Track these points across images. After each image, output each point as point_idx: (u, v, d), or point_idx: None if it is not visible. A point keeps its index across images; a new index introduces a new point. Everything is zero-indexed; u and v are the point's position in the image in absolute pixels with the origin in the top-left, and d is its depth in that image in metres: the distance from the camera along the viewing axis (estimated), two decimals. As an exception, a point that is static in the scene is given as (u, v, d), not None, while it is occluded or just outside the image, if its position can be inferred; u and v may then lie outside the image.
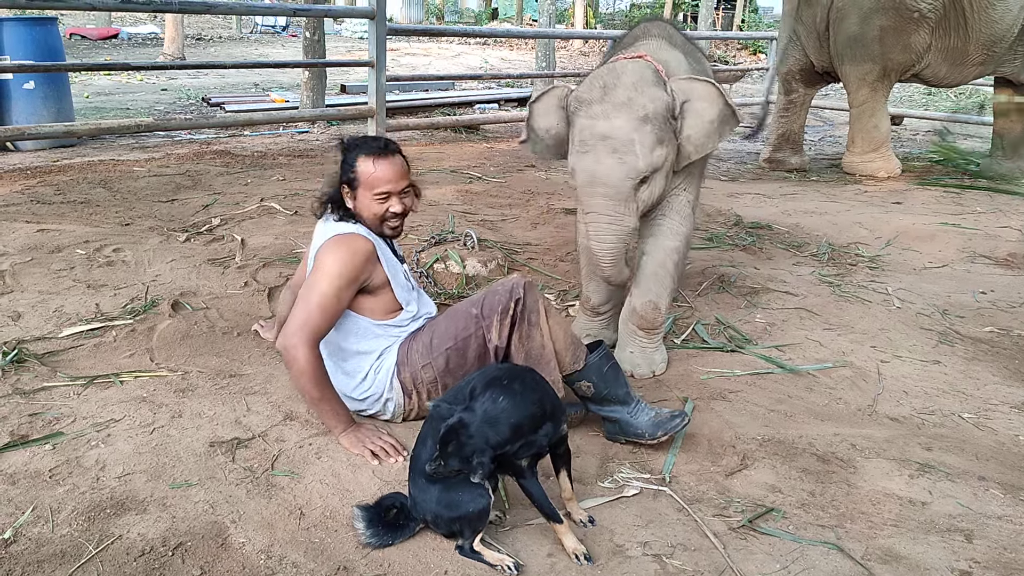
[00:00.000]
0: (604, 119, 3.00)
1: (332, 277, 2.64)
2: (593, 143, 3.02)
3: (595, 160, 3.03)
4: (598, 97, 3.03)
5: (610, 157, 3.00)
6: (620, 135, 2.98)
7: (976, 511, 2.46)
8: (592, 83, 3.10)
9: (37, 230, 4.58)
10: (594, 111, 3.03)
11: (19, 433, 2.64)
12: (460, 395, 2.21)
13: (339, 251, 2.68)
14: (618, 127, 2.98)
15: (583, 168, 3.07)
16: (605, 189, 3.03)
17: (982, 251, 5.19)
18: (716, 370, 3.43)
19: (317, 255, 2.72)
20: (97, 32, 21.70)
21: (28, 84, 7.48)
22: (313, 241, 2.86)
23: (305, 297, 2.64)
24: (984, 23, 6.85)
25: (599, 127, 3.01)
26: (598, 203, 3.06)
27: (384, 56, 7.94)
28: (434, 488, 2.17)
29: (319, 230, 2.85)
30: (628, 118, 2.98)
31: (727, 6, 31.44)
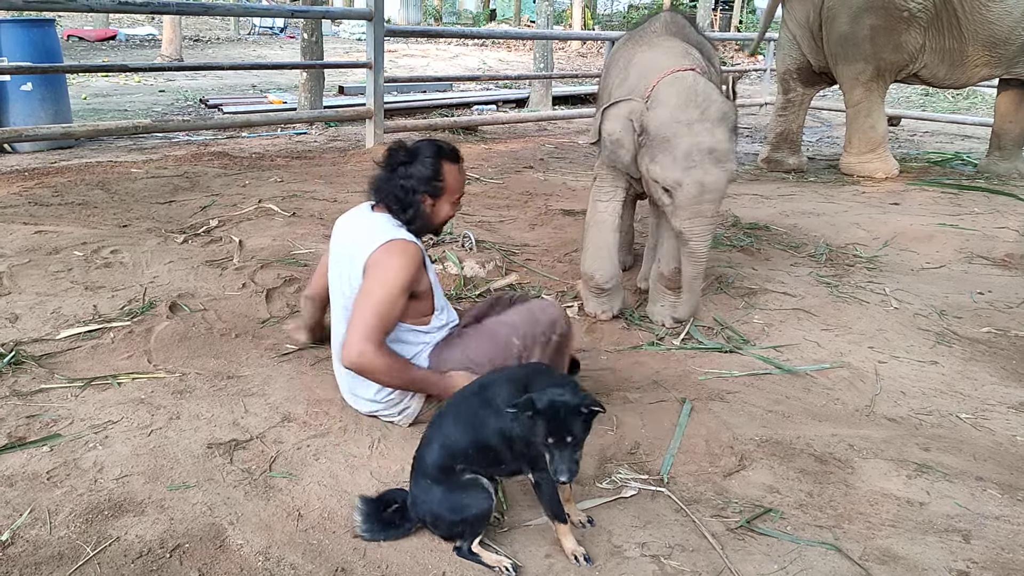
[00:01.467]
0: (709, 135, 3.33)
1: (389, 286, 2.59)
2: (700, 158, 3.34)
3: (704, 172, 3.35)
4: (697, 117, 3.34)
5: (717, 168, 3.36)
6: (723, 147, 3.36)
7: (974, 511, 2.46)
8: (685, 103, 3.37)
9: (35, 232, 4.58)
10: (697, 129, 3.34)
11: (17, 435, 2.63)
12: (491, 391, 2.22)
13: (395, 259, 2.62)
14: (720, 141, 3.35)
15: (692, 181, 3.36)
16: (715, 195, 3.41)
17: (980, 252, 5.19)
18: (714, 371, 3.43)
19: (373, 261, 2.63)
20: (95, 34, 21.68)
21: (26, 86, 7.48)
22: (352, 234, 2.77)
23: (362, 307, 2.60)
24: (979, 24, 6.82)
25: (705, 142, 3.33)
26: (707, 208, 3.42)
27: (382, 57, 7.94)
28: (438, 489, 2.18)
29: (364, 226, 2.76)
30: (726, 131, 3.38)
31: (724, 7, 31.46)
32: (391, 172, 2.75)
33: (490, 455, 2.17)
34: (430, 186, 2.72)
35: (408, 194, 2.71)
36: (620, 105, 3.58)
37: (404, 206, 2.73)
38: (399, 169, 2.73)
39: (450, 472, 2.20)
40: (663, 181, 3.42)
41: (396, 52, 21.04)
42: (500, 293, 3.33)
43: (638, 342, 3.76)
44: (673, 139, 3.36)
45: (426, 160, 2.72)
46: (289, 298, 3.92)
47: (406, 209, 2.73)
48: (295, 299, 3.92)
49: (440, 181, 2.73)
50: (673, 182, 3.39)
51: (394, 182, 2.73)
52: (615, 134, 3.61)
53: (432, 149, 2.75)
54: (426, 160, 2.72)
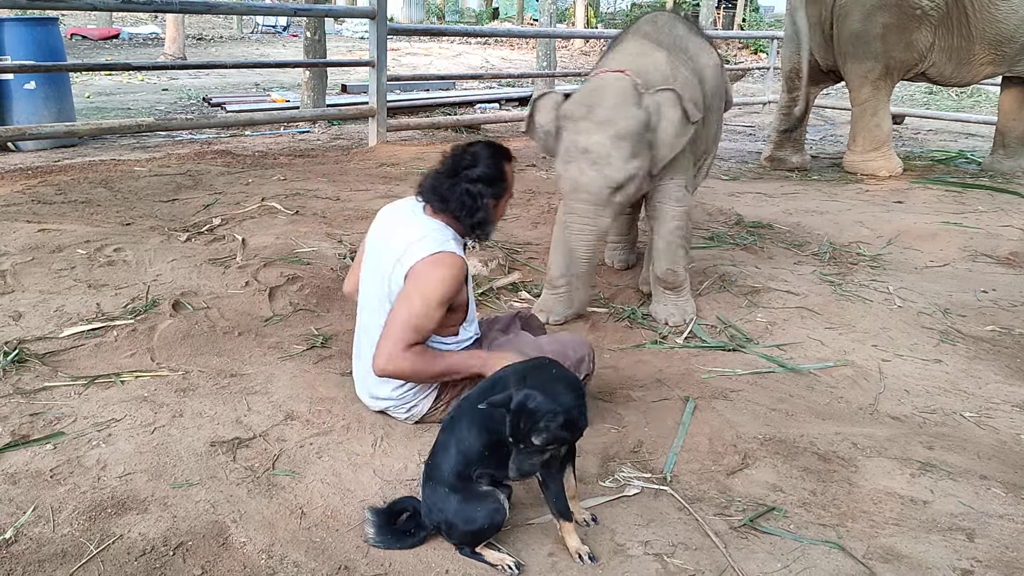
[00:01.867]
0: (586, 135, 3.41)
1: (428, 298, 2.58)
2: (576, 155, 3.44)
3: (578, 171, 3.45)
4: (583, 115, 3.44)
5: (592, 169, 3.43)
6: (600, 151, 3.40)
7: (978, 510, 2.46)
8: (579, 100, 3.50)
9: (38, 230, 4.58)
10: (579, 127, 3.45)
11: (20, 433, 2.64)
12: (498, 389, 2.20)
13: (440, 271, 2.59)
14: (597, 143, 3.40)
15: (568, 177, 3.50)
16: (586, 195, 3.47)
17: (984, 250, 5.19)
18: (717, 369, 3.43)
19: (417, 271, 2.61)
20: (98, 32, 21.70)
21: (29, 84, 7.48)
22: (399, 235, 2.71)
23: (397, 316, 2.59)
24: (987, 23, 6.84)
25: (581, 141, 3.42)
26: (580, 207, 3.50)
27: (385, 56, 7.95)
28: (454, 499, 2.16)
29: (415, 231, 2.68)
30: (606, 135, 3.39)
31: (728, 5, 31.41)
32: (453, 176, 2.68)
33: (502, 454, 2.17)
34: (496, 187, 2.71)
35: (476, 199, 2.67)
36: (547, 97, 3.72)
37: (472, 211, 2.67)
38: (463, 173, 2.68)
39: (467, 480, 2.18)
40: (555, 168, 3.61)
41: (399, 50, 21.04)
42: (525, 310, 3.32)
43: (641, 340, 3.75)
44: (561, 133, 3.54)
45: (489, 162, 2.70)
46: (292, 296, 3.92)
47: (474, 213, 2.68)
48: (298, 297, 3.92)
49: (504, 182, 2.74)
50: (557, 174, 3.59)
51: (459, 187, 2.66)
52: (546, 125, 3.69)
53: (491, 150, 2.74)
54: (489, 162, 2.70)
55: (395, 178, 6.69)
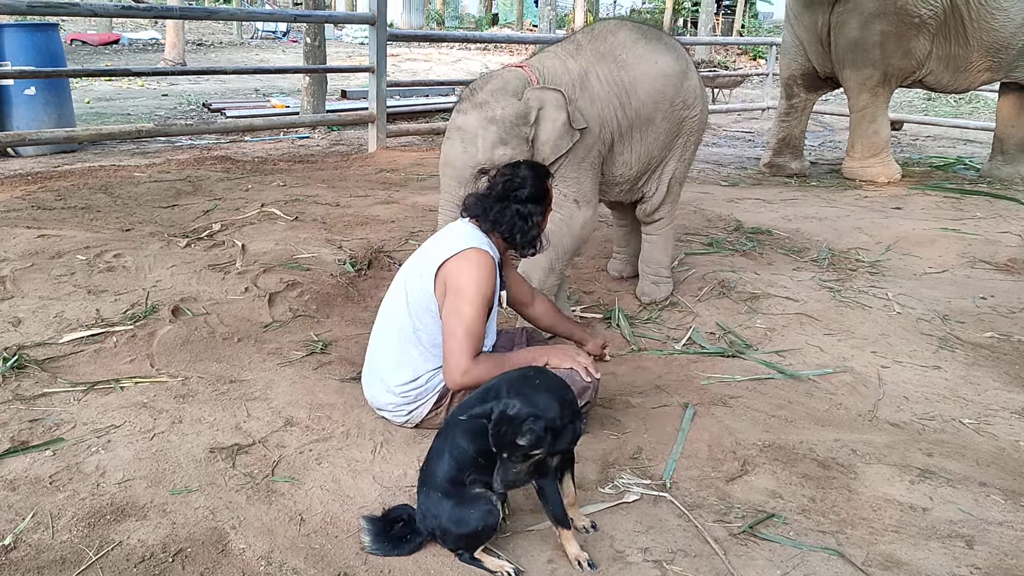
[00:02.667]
0: (462, 114, 3.50)
1: (475, 303, 2.62)
2: (452, 131, 3.53)
3: (450, 145, 3.53)
4: (466, 96, 3.56)
5: (459, 144, 3.49)
6: (469, 128, 3.46)
7: (977, 517, 2.46)
8: (470, 85, 3.62)
9: (38, 236, 4.58)
10: (460, 107, 3.55)
11: (19, 439, 2.63)
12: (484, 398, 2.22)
13: (475, 273, 2.64)
14: (468, 122, 3.47)
15: (443, 151, 3.61)
16: (451, 170, 3.52)
17: (982, 256, 5.19)
18: (716, 375, 3.43)
19: (451, 272, 2.65)
20: (98, 38, 21.73)
21: (29, 90, 7.49)
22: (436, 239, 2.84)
23: (454, 328, 2.62)
24: (984, 30, 6.87)
25: (458, 120, 3.51)
26: (445, 181, 3.58)
27: (384, 62, 7.96)
28: (447, 503, 2.17)
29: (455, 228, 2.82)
30: (476, 116, 3.45)
31: (727, 11, 31.51)
32: (503, 200, 2.75)
33: (495, 461, 2.17)
34: (543, 204, 2.80)
35: (527, 219, 2.75)
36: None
37: (525, 231, 2.76)
38: (513, 195, 2.74)
39: (460, 485, 2.19)
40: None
41: (399, 56, 21.09)
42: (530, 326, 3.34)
43: (641, 347, 3.76)
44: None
45: (535, 183, 2.77)
46: (291, 302, 3.92)
47: (527, 232, 2.76)
48: (297, 303, 3.92)
49: (547, 198, 2.83)
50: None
51: (510, 209, 2.74)
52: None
53: (536, 171, 2.82)
54: (535, 183, 2.77)
55: (395, 184, 6.70)
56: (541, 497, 2.20)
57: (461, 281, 2.63)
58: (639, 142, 3.82)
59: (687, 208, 6.03)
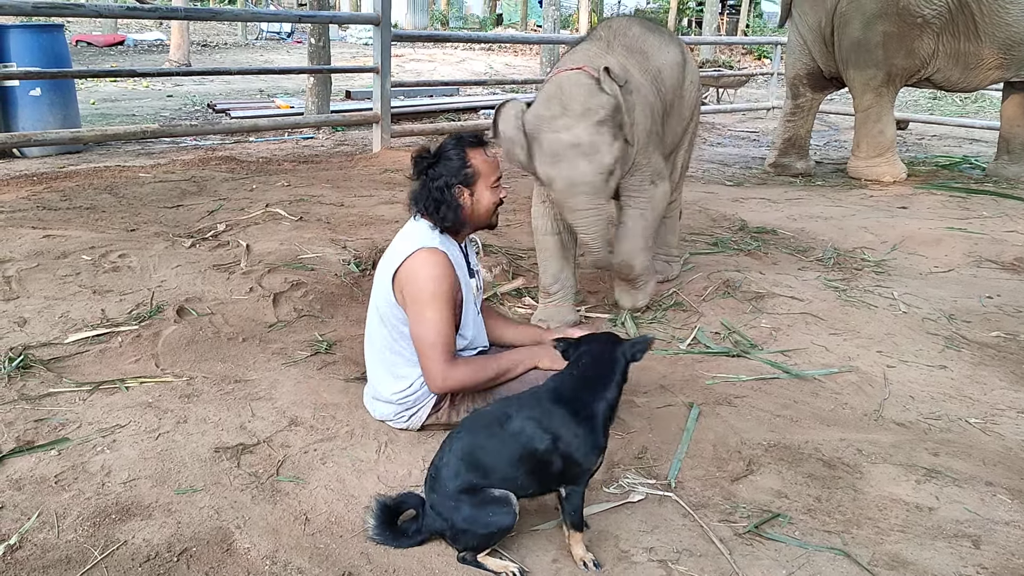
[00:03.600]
0: (567, 131, 3.42)
1: (435, 304, 2.60)
2: (564, 151, 3.43)
3: (571, 166, 3.45)
4: (558, 112, 3.45)
5: (583, 160, 3.44)
6: (585, 139, 3.42)
7: (983, 516, 2.45)
8: (547, 101, 3.50)
9: (43, 236, 4.59)
10: (558, 125, 3.44)
11: (25, 439, 2.64)
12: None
13: (426, 271, 2.61)
14: (581, 135, 3.42)
15: (562, 176, 3.47)
16: (585, 187, 3.47)
17: (988, 255, 5.17)
18: (721, 375, 3.42)
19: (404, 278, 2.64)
20: (103, 39, 21.78)
21: (35, 91, 7.51)
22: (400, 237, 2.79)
23: (422, 335, 2.61)
24: (997, 26, 6.78)
25: (566, 138, 3.43)
26: (581, 201, 3.50)
27: (389, 62, 7.96)
28: (465, 506, 2.14)
29: (405, 229, 2.79)
30: (587, 124, 3.42)
31: (731, 11, 31.48)
32: (421, 178, 2.71)
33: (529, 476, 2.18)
34: (461, 176, 2.68)
35: (442, 192, 2.67)
36: (508, 106, 3.66)
37: (439, 205, 2.68)
38: (428, 172, 2.70)
39: (477, 491, 2.16)
40: (542, 177, 3.55)
41: (403, 57, 21.11)
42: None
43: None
44: (539, 136, 3.48)
45: (449, 153, 2.70)
46: (296, 302, 3.93)
47: (439, 207, 2.68)
48: (302, 303, 3.92)
49: (468, 168, 2.69)
50: (546, 178, 3.53)
51: (427, 187, 2.69)
52: (508, 133, 3.65)
53: (452, 141, 2.73)
54: (449, 153, 2.70)
55: (399, 184, 6.70)
56: (566, 502, 2.20)
57: (416, 287, 2.61)
58: (669, 127, 4.07)
59: (692, 208, 6.03)
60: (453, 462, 2.19)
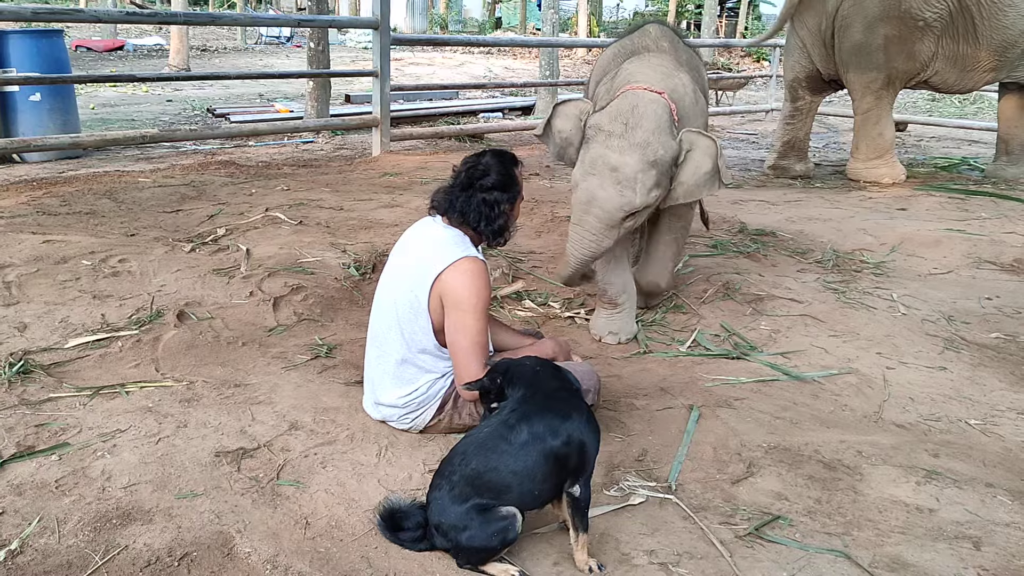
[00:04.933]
0: (618, 153, 3.30)
1: (478, 313, 2.63)
2: (601, 169, 3.33)
3: (599, 184, 3.34)
4: (619, 131, 3.32)
5: (612, 187, 3.32)
6: (627, 172, 3.29)
7: (984, 518, 2.45)
8: (614, 115, 3.36)
9: (43, 241, 4.59)
10: (612, 143, 3.32)
11: (25, 444, 2.64)
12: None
13: (473, 282, 2.63)
14: (628, 164, 3.29)
15: (586, 188, 3.37)
16: (599, 212, 3.36)
17: (987, 257, 5.18)
18: (721, 377, 3.42)
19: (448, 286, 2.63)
20: (103, 44, 21.78)
21: (34, 96, 7.52)
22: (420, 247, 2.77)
23: (460, 344, 2.63)
24: (995, 29, 6.82)
25: (612, 159, 3.31)
26: (590, 221, 3.39)
27: (388, 66, 7.97)
28: (474, 525, 2.12)
29: (433, 232, 2.77)
30: (639, 158, 3.29)
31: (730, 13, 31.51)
32: (468, 189, 2.72)
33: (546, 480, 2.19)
34: (510, 192, 2.75)
35: (493, 207, 2.71)
36: (572, 105, 3.60)
37: (491, 219, 2.72)
38: (478, 184, 2.71)
39: (487, 510, 2.15)
40: (573, 178, 3.49)
41: (402, 60, 21.12)
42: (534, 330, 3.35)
43: (646, 349, 3.75)
44: (590, 142, 3.42)
45: (500, 169, 2.73)
46: (296, 306, 3.93)
47: (493, 221, 2.72)
48: (302, 307, 3.93)
49: (516, 185, 2.77)
50: (574, 182, 3.46)
51: (475, 198, 2.71)
52: (565, 132, 3.61)
53: (500, 158, 2.77)
54: (500, 169, 2.73)
55: (399, 187, 6.70)
56: (575, 503, 2.20)
57: (462, 295, 2.62)
58: None
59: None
60: (460, 488, 2.16)
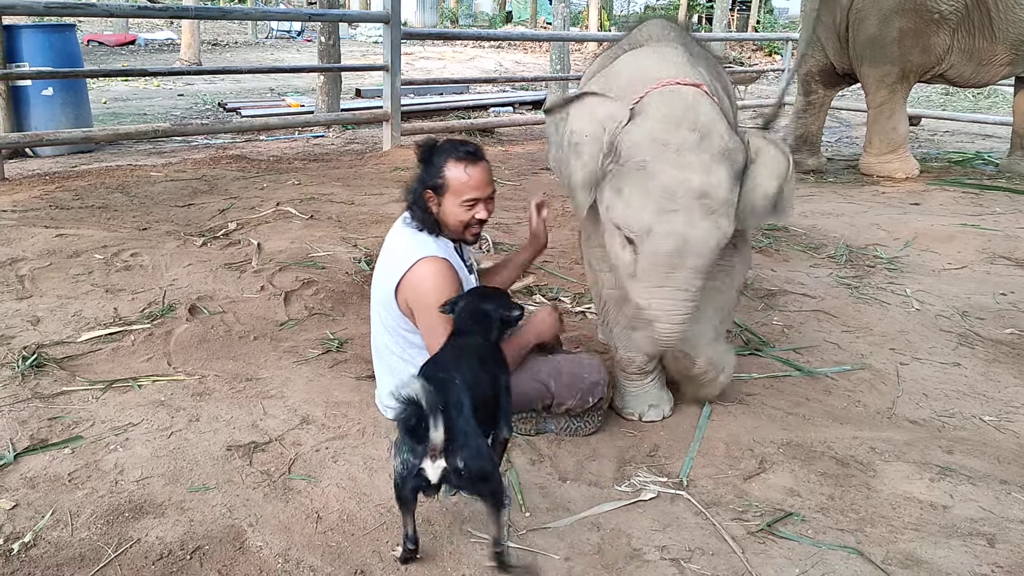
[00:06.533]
0: (703, 173, 2.34)
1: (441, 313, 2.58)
2: (687, 201, 2.33)
3: (689, 222, 2.35)
4: (691, 142, 2.35)
5: (706, 220, 2.35)
6: (720, 194, 2.35)
7: (998, 515, 2.43)
8: (674, 120, 2.39)
9: (56, 235, 4.61)
10: (688, 160, 2.34)
11: (39, 437, 2.65)
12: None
13: (431, 283, 2.59)
14: (718, 185, 2.35)
15: (671, 232, 2.35)
16: (696, 260, 2.39)
17: (1002, 252, 5.14)
18: (734, 373, 3.40)
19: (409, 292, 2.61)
20: (114, 38, 21.85)
21: (47, 90, 7.54)
22: (393, 243, 2.75)
23: (432, 346, 2.58)
24: (1012, 23, 6.76)
25: (696, 181, 2.33)
26: (683, 277, 2.41)
27: (399, 60, 7.96)
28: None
29: (402, 235, 2.73)
30: (728, 174, 2.37)
31: (742, 7, 31.36)
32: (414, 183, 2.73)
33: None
34: (432, 181, 2.64)
35: (416, 189, 2.69)
36: (597, 101, 2.57)
37: (411, 201, 2.70)
38: (420, 165, 2.71)
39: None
40: (626, 225, 2.44)
41: (413, 55, 21.11)
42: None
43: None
44: (652, 166, 2.36)
45: (435, 156, 2.67)
46: (307, 300, 3.93)
47: (412, 205, 2.70)
48: (313, 301, 3.93)
49: (440, 178, 2.63)
50: (641, 228, 2.40)
51: (414, 183, 2.71)
52: (577, 135, 2.57)
53: (446, 146, 2.70)
54: (435, 156, 2.67)
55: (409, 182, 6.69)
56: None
57: (423, 298, 2.59)
58: None
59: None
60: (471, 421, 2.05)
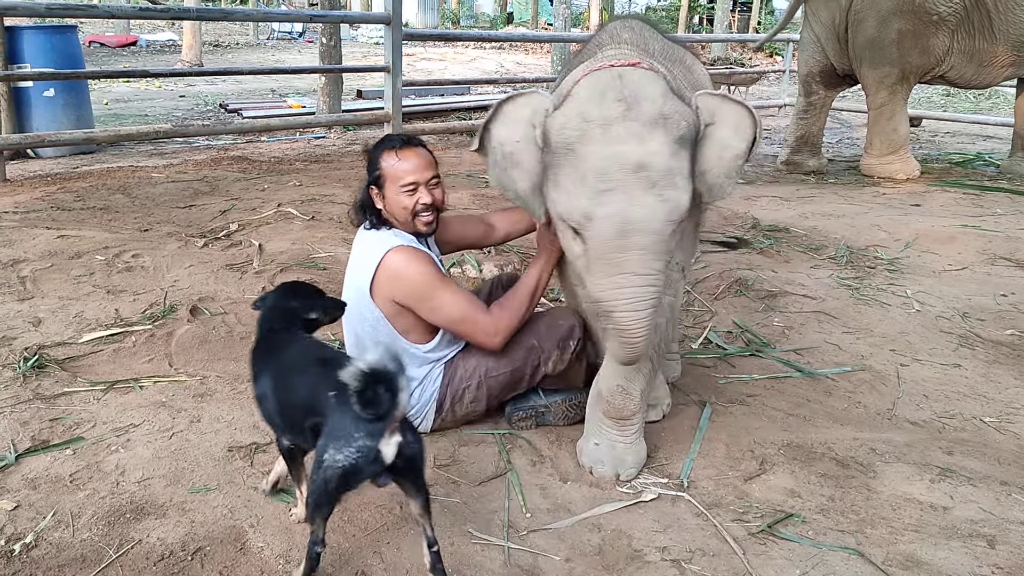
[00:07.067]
0: (637, 142, 2.11)
1: (433, 287, 2.59)
2: (622, 177, 2.10)
3: (628, 200, 2.11)
4: (619, 113, 2.13)
5: (648, 195, 2.11)
6: (659, 163, 2.12)
7: (998, 516, 2.43)
8: (600, 96, 2.17)
9: (57, 236, 4.62)
10: (616, 133, 2.12)
11: (40, 438, 2.66)
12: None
13: (407, 269, 2.60)
14: (655, 153, 2.12)
15: (611, 213, 2.12)
16: (643, 239, 2.13)
17: (1002, 253, 5.14)
18: (734, 374, 3.41)
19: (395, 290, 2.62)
20: (116, 39, 21.87)
21: (48, 91, 7.55)
22: (357, 251, 2.76)
23: (449, 318, 2.63)
24: (1012, 24, 6.76)
25: (630, 154, 2.10)
26: (636, 260, 2.15)
27: (400, 61, 7.96)
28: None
29: (363, 240, 2.74)
30: (665, 140, 2.13)
31: (743, 8, 31.37)
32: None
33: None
34: (371, 176, 2.67)
35: (362, 190, 2.72)
36: (518, 101, 2.36)
37: (360, 203, 2.73)
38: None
39: None
40: (568, 215, 2.21)
41: (414, 56, 21.11)
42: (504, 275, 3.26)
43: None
44: (579, 146, 2.15)
45: (372, 153, 2.69)
46: (308, 301, 3.93)
47: (361, 206, 2.72)
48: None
49: (377, 170, 2.65)
50: (581, 215, 2.16)
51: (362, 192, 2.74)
52: (508, 144, 2.35)
53: (380, 141, 2.73)
54: (372, 153, 2.69)
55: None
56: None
57: (410, 286, 2.60)
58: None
59: (703, 206, 6.01)
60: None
